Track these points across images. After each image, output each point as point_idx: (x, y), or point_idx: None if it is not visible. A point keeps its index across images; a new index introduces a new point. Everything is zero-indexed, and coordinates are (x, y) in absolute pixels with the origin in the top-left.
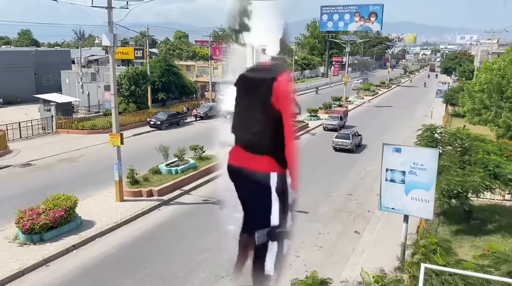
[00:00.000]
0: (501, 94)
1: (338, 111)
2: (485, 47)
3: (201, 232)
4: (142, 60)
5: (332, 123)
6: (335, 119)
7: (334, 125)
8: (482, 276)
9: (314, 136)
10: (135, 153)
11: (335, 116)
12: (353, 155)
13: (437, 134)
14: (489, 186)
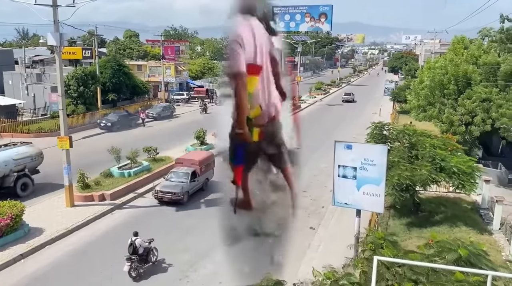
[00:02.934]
0: (443, 92)
1: (190, 161)
2: (428, 46)
3: (156, 235)
4: (90, 60)
5: (169, 190)
6: (180, 180)
7: (175, 194)
8: (429, 265)
9: None
10: (86, 156)
11: (182, 172)
12: (307, 153)
13: (386, 131)
14: (435, 178)
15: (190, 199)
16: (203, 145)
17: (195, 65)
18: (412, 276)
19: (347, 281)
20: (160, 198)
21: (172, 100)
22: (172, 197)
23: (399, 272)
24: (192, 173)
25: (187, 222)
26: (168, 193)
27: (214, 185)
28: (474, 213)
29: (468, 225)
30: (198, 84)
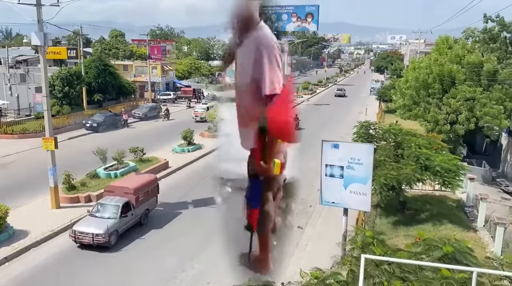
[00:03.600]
0: (428, 91)
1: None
2: (413, 46)
3: (143, 236)
4: (76, 60)
5: (89, 231)
6: (107, 215)
7: (97, 236)
8: (416, 263)
9: None
10: (71, 157)
11: (111, 204)
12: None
13: (372, 130)
14: (421, 177)
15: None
16: (190, 145)
17: (182, 65)
18: (400, 274)
19: (334, 280)
20: (78, 241)
21: (159, 101)
22: (94, 239)
23: (387, 270)
24: (125, 205)
25: (178, 221)
26: (88, 235)
27: (158, 217)
28: (459, 210)
29: (453, 223)
30: (185, 84)
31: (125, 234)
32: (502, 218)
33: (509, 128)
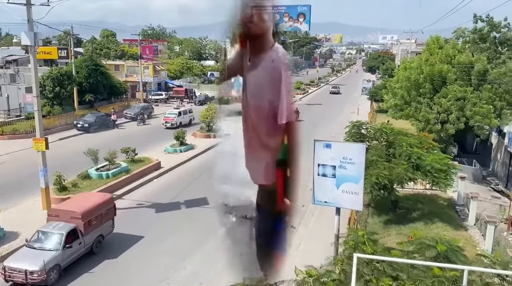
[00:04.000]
0: (419, 91)
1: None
2: (404, 46)
3: (135, 237)
4: (66, 60)
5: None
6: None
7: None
8: (407, 261)
9: None
10: (62, 158)
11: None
12: None
13: (364, 130)
14: (412, 177)
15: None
16: (182, 145)
17: (174, 65)
18: (392, 272)
19: (328, 278)
20: (9, 279)
21: (151, 101)
22: (27, 277)
23: (378, 268)
24: (70, 233)
25: (170, 221)
26: (21, 272)
27: (114, 243)
28: (450, 209)
29: (444, 221)
30: (177, 84)
31: None
32: (493, 217)
33: (499, 128)
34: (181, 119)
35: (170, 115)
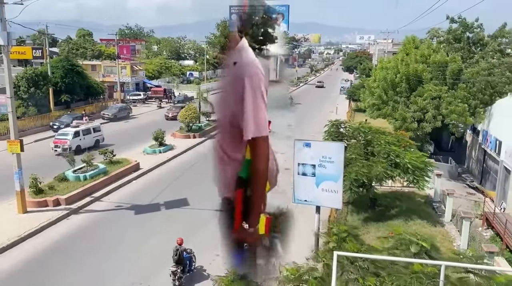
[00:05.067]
0: (396, 90)
1: None
2: (381, 46)
3: (114, 239)
4: (41, 60)
5: None
6: None
7: None
8: (388, 258)
9: None
10: (38, 160)
11: None
12: None
13: (342, 128)
14: (391, 174)
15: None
16: (162, 145)
17: (152, 64)
18: (373, 269)
19: (310, 276)
20: None
21: (129, 101)
22: None
23: (361, 266)
24: None
25: (150, 223)
26: None
27: (93, 246)
28: (427, 206)
29: (422, 218)
30: (155, 84)
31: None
32: (468, 213)
33: (473, 126)
34: (79, 141)
35: (62, 137)
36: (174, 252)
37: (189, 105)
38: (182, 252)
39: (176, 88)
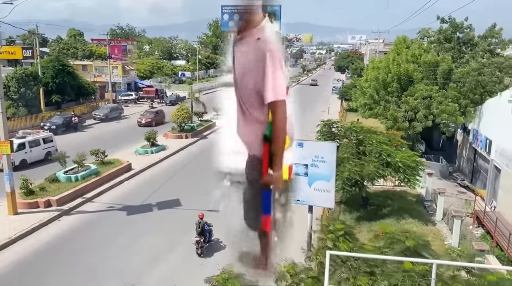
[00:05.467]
0: (387, 90)
1: None
2: (373, 46)
3: (106, 240)
4: (32, 60)
5: None
6: None
7: None
8: (379, 257)
9: None
10: None
11: None
12: None
13: (334, 128)
14: (382, 173)
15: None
16: (154, 146)
17: (144, 64)
18: (366, 268)
19: (305, 275)
20: None
21: (120, 101)
22: None
23: (353, 265)
24: None
25: (142, 224)
26: None
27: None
28: (419, 205)
29: (413, 217)
30: (147, 84)
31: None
32: (459, 211)
33: (464, 125)
34: (24, 155)
35: None
36: (196, 225)
37: (181, 105)
38: (204, 225)
39: (168, 88)
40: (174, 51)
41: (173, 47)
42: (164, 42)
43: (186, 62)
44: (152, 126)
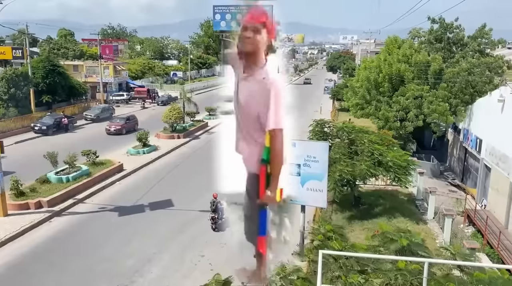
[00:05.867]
0: (379, 90)
1: None
2: (364, 46)
3: (99, 241)
4: (22, 61)
5: None
6: None
7: None
8: (372, 256)
9: (213, 135)
10: (19, 162)
11: None
12: None
13: (327, 128)
14: (374, 173)
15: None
16: (145, 146)
17: (135, 64)
18: (357, 267)
19: (295, 276)
20: None
21: (112, 101)
22: None
23: (345, 264)
24: None
25: (134, 225)
26: None
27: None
28: (410, 204)
29: (405, 216)
30: (139, 84)
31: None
32: (450, 210)
33: (455, 124)
34: None
35: None
36: (211, 203)
37: (173, 105)
38: (217, 204)
39: (160, 89)
40: (166, 51)
41: (165, 47)
42: (155, 42)
43: (178, 62)
44: (122, 134)
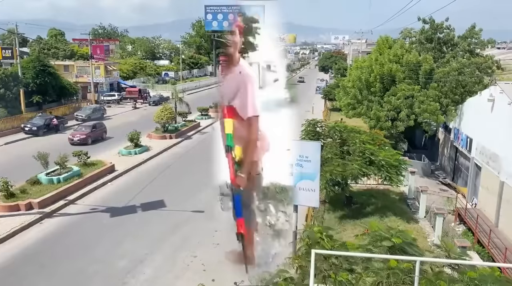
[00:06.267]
0: (370, 89)
1: None
2: (355, 46)
3: (90, 242)
4: (11, 61)
5: None
6: None
7: None
8: (364, 255)
9: (205, 135)
10: (9, 163)
11: None
12: None
13: (319, 128)
14: (366, 172)
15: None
16: (137, 147)
17: (126, 64)
18: (348, 266)
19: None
20: None
21: (103, 102)
22: None
23: (335, 263)
24: None
25: (126, 226)
26: None
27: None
28: (402, 203)
29: (397, 215)
30: (130, 84)
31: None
32: (441, 209)
33: (445, 124)
34: None
35: None
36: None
37: (165, 105)
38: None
39: (152, 89)
40: (157, 51)
41: (156, 47)
42: (147, 42)
43: (170, 62)
44: (88, 144)
